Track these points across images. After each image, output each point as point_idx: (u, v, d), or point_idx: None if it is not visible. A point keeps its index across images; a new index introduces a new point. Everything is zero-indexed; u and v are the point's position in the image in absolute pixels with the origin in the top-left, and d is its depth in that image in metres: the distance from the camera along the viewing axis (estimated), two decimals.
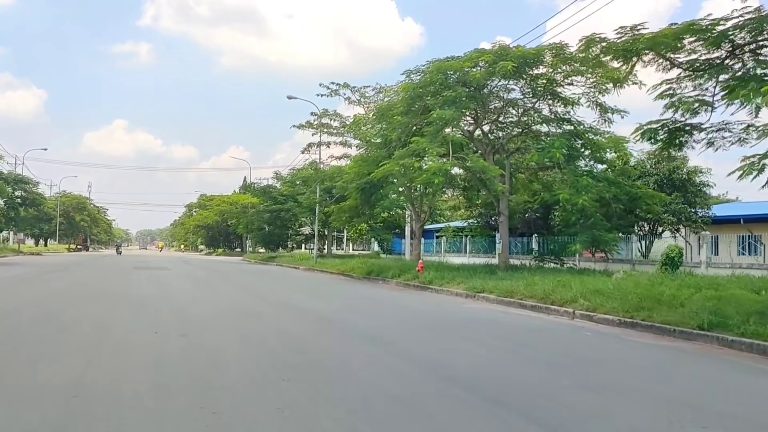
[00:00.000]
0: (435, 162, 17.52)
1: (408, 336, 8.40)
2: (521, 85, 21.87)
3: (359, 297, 15.72)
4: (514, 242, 32.55)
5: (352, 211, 23.27)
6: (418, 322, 10.24)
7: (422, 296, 16.47)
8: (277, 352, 6.71)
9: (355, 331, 8.76)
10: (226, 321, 9.34)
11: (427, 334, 8.71)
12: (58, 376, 5.15)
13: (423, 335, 8.61)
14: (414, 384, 5.37)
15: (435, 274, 19.24)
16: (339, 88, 28.89)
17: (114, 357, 6.15)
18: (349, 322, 9.88)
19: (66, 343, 6.90)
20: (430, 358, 6.71)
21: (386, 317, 10.95)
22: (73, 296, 12.59)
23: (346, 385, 5.24)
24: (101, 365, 5.75)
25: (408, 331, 9.08)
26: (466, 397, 4.88)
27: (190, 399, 4.52)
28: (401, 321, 10.40)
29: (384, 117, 21.09)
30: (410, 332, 8.90)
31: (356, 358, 6.50)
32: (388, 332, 8.73)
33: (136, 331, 7.90)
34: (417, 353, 7.01)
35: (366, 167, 21.14)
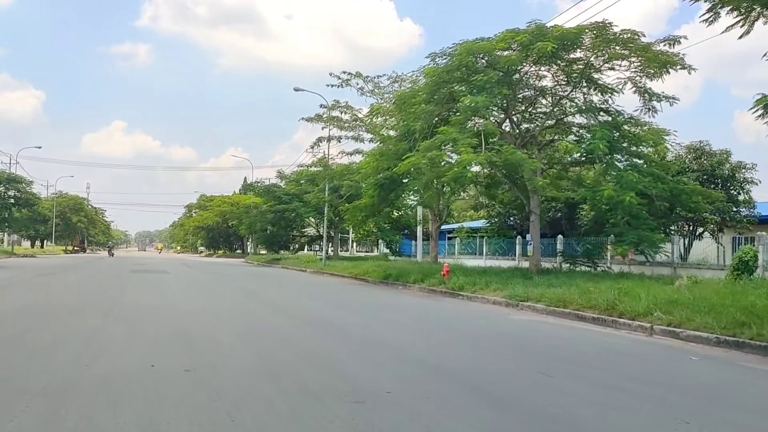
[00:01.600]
0: (467, 154, 15.57)
1: (491, 370, 6.37)
2: (554, 71, 20.00)
3: (388, 307, 13.79)
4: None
5: (368, 210, 21.30)
6: (483, 345, 8.25)
7: (457, 305, 14.54)
8: (326, 401, 4.73)
9: (418, 362, 6.53)
10: (243, 344, 7.37)
11: (511, 366, 6.71)
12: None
13: (507, 367, 6.63)
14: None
15: (465, 279, 17.30)
16: (351, 77, 27.01)
17: (88, 410, 4.20)
18: (399, 344, 7.92)
19: (22, 391, 4.93)
20: (554, 417, 4.76)
21: (438, 335, 8.99)
22: (54, 308, 10.59)
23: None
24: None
25: (483, 358, 7.12)
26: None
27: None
28: (461, 342, 8.40)
29: (405, 105, 19.17)
30: (487, 362, 6.91)
31: (457, 419, 4.48)
32: (461, 364, 6.71)
33: (125, 362, 5.95)
34: (526, 404, 4.97)
35: (385, 161, 19.22)
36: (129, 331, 7.96)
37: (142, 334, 7.72)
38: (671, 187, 18.92)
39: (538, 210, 20.39)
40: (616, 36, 17.65)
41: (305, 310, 11.86)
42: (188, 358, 6.27)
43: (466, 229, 39.03)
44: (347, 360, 6.52)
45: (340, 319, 10.35)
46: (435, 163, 16.37)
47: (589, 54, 18.71)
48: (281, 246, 47.39)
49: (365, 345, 7.63)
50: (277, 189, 40.94)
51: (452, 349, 7.56)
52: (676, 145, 22.96)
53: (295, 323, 9.63)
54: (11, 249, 54.50)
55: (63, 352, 6.37)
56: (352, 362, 6.42)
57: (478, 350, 7.64)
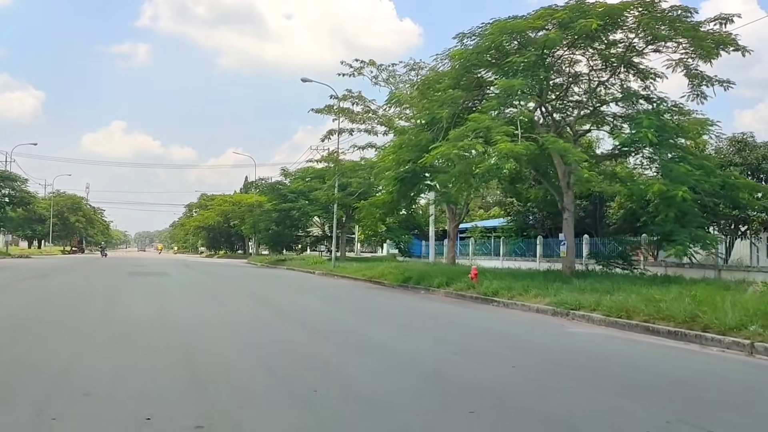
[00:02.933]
0: (504, 143, 13.84)
1: (621, 423, 4.63)
2: (589, 54, 18.29)
3: (422, 317, 12.06)
4: (558, 244, 28.91)
5: (386, 207, 19.54)
6: (574, 375, 6.50)
7: (497, 315, 12.81)
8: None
9: (526, 412, 4.91)
10: (271, 379, 5.58)
11: (635, 410, 4.94)
12: None
13: (636, 414, 4.89)
14: None
15: (498, 284, 15.57)
16: (364, 65, 25.20)
17: None
18: (462, 373, 6.18)
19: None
20: None
21: (512, 360, 7.23)
22: (30, 321, 8.78)
23: None
24: None
25: (586, 393, 5.39)
26: None
27: None
28: (551, 373, 6.62)
29: (429, 91, 17.45)
30: (604, 406, 5.18)
31: None
32: (572, 409, 5.00)
33: (109, 415, 4.20)
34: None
35: (406, 153, 17.49)
36: (118, 357, 6.21)
37: (134, 362, 5.98)
38: (722, 181, 17.20)
39: (572, 207, 18.65)
40: (665, 14, 15.94)
41: (333, 324, 10.11)
42: (198, 402, 4.53)
43: (480, 229, 37.26)
44: (437, 415, 4.74)
45: (379, 337, 8.61)
46: (467, 154, 14.63)
47: (631, 35, 17.02)
48: (285, 246, 45.60)
49: (435, 380, 5.83)
50: (282, 187, 39.12)
51: (550, 385, 5.81)
52: (716, 137, 21.24)
53: (331, 344, 7.88)
54: (6, 249, 52.75)
55: (22, 395, 4.61)
56: (447, 419, 4.65)
57: (577, 384, 5.88)
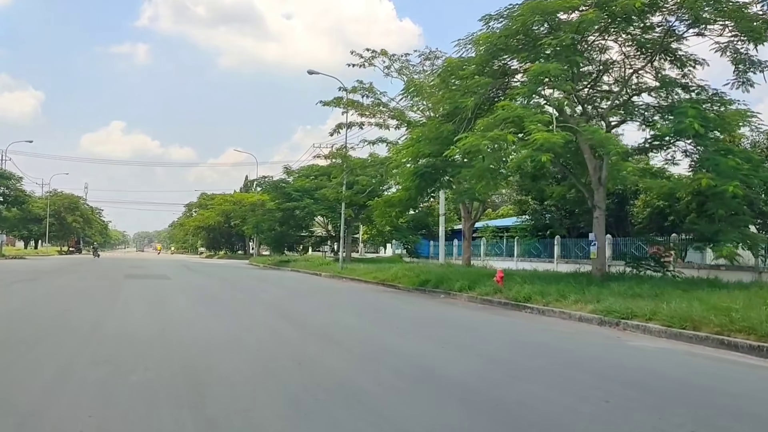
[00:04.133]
0: (539, 132, 12.48)
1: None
2: (622, 40, 16.95)
3: (452, 325, 10.70)
4: (579, 244, 27.56)
5: (403, 204, 18.14)
6: (674, 409, 5.14)
7: (535, 323, 11.46)
8: None
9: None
10: (301, 421, 4.22)
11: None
12: None
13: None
14: None
15: (529, 288, 14.21)
16: (375, 55, 23.71)
17: None
18: (539, 405, 4.82)
19: None
20: None
21: (585, 384, 5.87)
22: (4, 338, 7.47)
23: None
24: None
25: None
26: None
27: None
28: (641, 401, 5.29)
29: (452, 78, 16.08)
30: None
31: None
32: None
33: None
34: None
35: (426, 147, 16.11)
36: (104, 393, 4.82)
37: (125, 401, 4.59)
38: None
39: (604, 204, 17.28)
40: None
41: (360, 338, 8.72)
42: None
43: (491, 229, 35.88)
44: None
45: (416, 353, 7.23)
46: (499, 146, 13.26)
47: (671, 18, 15.69)
48: (288, 247, 44.17)
49: (511, 419, 4.49)
50: (286, 185, 37.68)
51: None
52: (754, 129, 19.90)
53: (366, 367, 6.51)
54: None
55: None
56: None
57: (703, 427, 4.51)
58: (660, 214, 23.73)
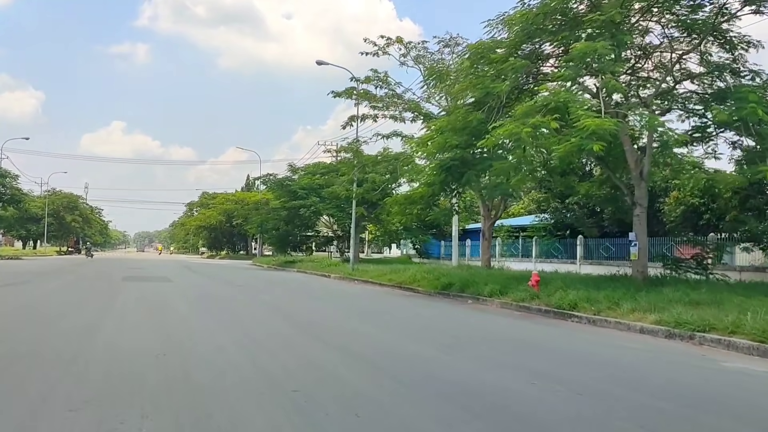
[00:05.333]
0: (590, 119, 10.99)
1: None
2: (666, 21, 15.46)
3: (494, 337, 9.21)
4: (604, 244, 26.06)
5: (424, 201, 16.64)
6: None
7: (590, 336, 9.97)
8: None
9: None
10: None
11: None
12: None
13: None
14: None
15: (574, 294, 12.70)
16: (390, 43, 22.10)
17: None
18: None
19: None
20: None
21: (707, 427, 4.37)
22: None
23: None
24: None
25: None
26: None
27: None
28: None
29: (482, 61, 14.60)
30: None
31: None
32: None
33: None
34: None
35: (453, 137, 14.60)
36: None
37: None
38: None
39: (645, 201, 15.80)
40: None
41: (396, 358, 7.24)
42: None
43: (506, 228, 34.38)
44: None
45: (466, 377, 5.75)
46: (541, 134, 11.76)
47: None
48: (294, 247, 42.64)
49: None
50: (291, 183, 36.15)
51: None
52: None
53: (421, 402, 5.03)
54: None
55: None
56: None
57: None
58: (694, 212, 22.26)
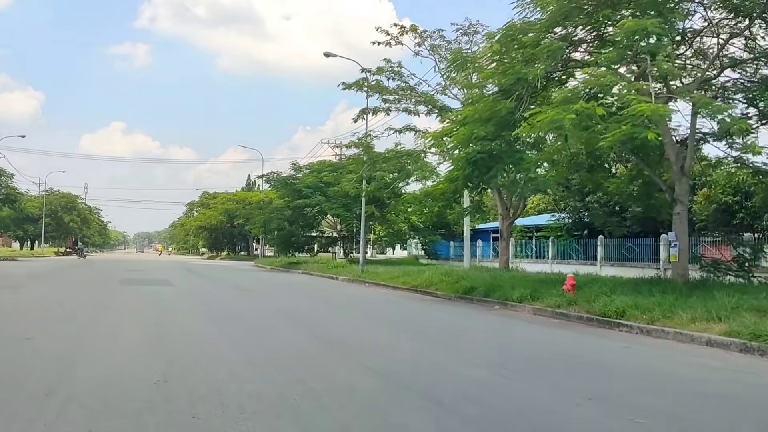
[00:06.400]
0: (643, 104, 9.75)
1: None
2: (709, 2, 14.24)
3: (549, 354, 7.96)
4: (627, 245, 24.83)
5: (445, 198, 15.38)
6: None
7: (651, 349, 8.74)
8: None
9: None
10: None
11: None
12: None
13: None
14: None
15: (621, 300, 11.44)
16: (404, 32, 20.79)
17: None
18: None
19: None
20: None
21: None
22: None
23: None
24: None
25: None
26: None
27: None
28: None
29: (513, 44, 13.36)
30: None
31: None
32: None
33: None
34: None
35: (480, 128, 13.35)
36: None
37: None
38: None
39: (687, 198, 14.58)
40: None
41: (443, 380, 6.00)
42: None
43: (519, 228, 33.10)
44: None
45: (540, 408, 4.51)
46: (586, 121, 10.51)
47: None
48: (297, 248, 41.37)
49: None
50: (296, 181, 34.90)
51: None
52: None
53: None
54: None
55: None
56: None
57: None
58: (726, 210, 21.07)
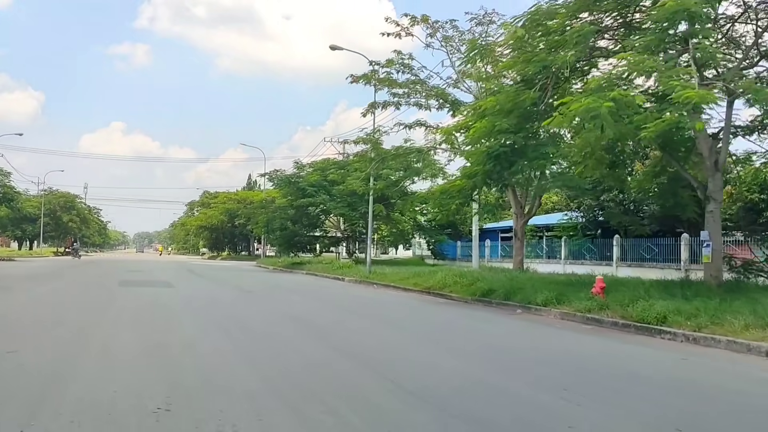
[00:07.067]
0: (690, 91, 8.87)
1: None
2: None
3: (600, 369, 7.07)
4: (643, 244, 23.91)
5: (465, 195, 14.48)
6: None
7: (718, 362, 7.83)
8: None
9: None
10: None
11: None
12: None
13: None
14: None
15: (662, 304, 10.54)
16: (416, 22, 19.82)
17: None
18: None
19: None
20: None
21: None
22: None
23: None
24: None
25: None
26: None
27: None
28: None
29: (539, 28, 12.47)
30: None
31: None
32: None
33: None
34: None
35: (503, 120, 12.45)
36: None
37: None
38: None
39: (721, 195, 13.70)
40: None
41: (501, 405, 5.10)
42: None
43: (529, 227, 32.12)
44: None
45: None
46: (624, 110, 9.62)
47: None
48: (301, 248, 40.49)
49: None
50: (300, 179, 34.00)
51: None
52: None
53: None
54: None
55: None
56: None
57: None
58: (752, 209, 20.18)
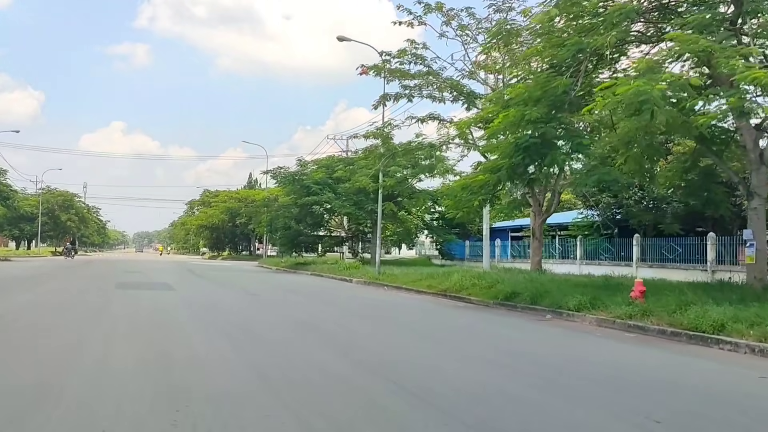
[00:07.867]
0: (754, 71, 7.86)
1: None
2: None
3: (667, 388, 6.04)
4: (666, 244, 22.88)
5: (485, 192, 13.43)
6: None
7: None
8: None
9: None
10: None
11: None
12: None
13: None
14: None
15: (717, 311, 9.52)
16: (429, 11, 18.73)
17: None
18: None
19: None
20: None
21: None
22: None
23: None
24: None
25: None
26: None
27: None
28: None
29: (574, 9, 11.46)
30: None
31: None
32: None
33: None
34: None
35: (530, 110, 11.42)
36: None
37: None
38: None
39: (766, 191, 12.69)
40: None
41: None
42: None
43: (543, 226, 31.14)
44: None
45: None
46: (678, 93, 8.61)
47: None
48: (305, 248, 39.47)
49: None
50: (304, 177, 32.96)
51: None
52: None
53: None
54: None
55: None
56: None
57: None
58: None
